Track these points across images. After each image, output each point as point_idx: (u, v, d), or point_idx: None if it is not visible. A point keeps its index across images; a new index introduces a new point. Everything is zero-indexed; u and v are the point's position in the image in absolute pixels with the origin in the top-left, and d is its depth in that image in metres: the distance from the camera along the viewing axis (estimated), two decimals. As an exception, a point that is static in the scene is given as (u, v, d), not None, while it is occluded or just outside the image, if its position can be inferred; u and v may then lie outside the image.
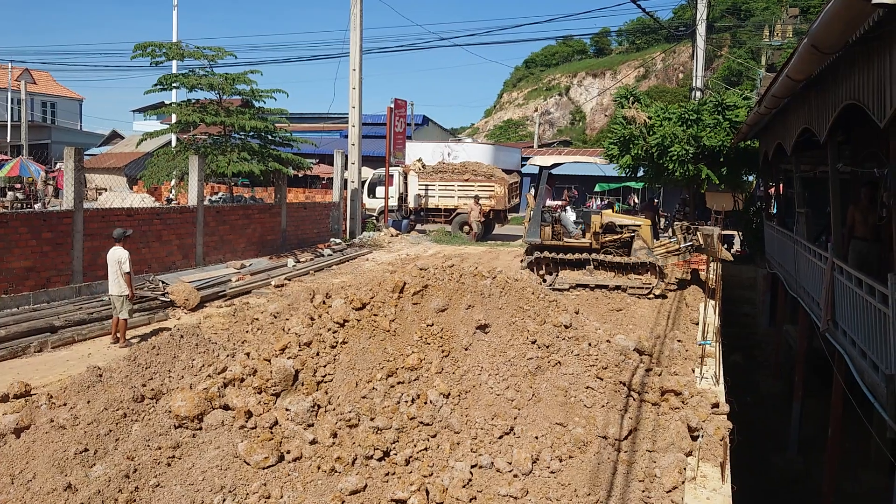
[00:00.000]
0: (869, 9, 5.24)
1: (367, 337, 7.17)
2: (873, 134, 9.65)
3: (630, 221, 14.11)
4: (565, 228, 13.94)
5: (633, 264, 13.25)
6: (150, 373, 7.13)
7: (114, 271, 10.05)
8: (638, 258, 13.21)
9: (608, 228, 13.73)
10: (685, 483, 5.52)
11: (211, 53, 19.37)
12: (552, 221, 13.85)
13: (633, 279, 13.28)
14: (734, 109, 19.31)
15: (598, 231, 13.54)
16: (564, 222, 13.97)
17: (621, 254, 13.47)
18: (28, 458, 5.77)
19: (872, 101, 6.35)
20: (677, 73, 67.36)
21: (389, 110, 26.20)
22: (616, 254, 13.48)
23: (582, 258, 13.41)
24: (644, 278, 13.28)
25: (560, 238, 13.78)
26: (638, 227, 13.71)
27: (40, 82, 56.20)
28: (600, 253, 13.46)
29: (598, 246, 13.54)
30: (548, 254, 13.59)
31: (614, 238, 13.69)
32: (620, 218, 14.39)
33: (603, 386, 6.66)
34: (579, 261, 13.43)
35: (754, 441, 11.44)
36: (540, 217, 13.74)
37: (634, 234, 13.59)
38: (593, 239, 13.54)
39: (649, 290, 13.05)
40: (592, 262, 13.33)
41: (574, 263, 13.45)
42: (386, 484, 5.61)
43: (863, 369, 7.62)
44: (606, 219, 13.90)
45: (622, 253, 13.51)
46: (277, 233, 19.27)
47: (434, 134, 47.19)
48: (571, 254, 13.51)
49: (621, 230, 13.75)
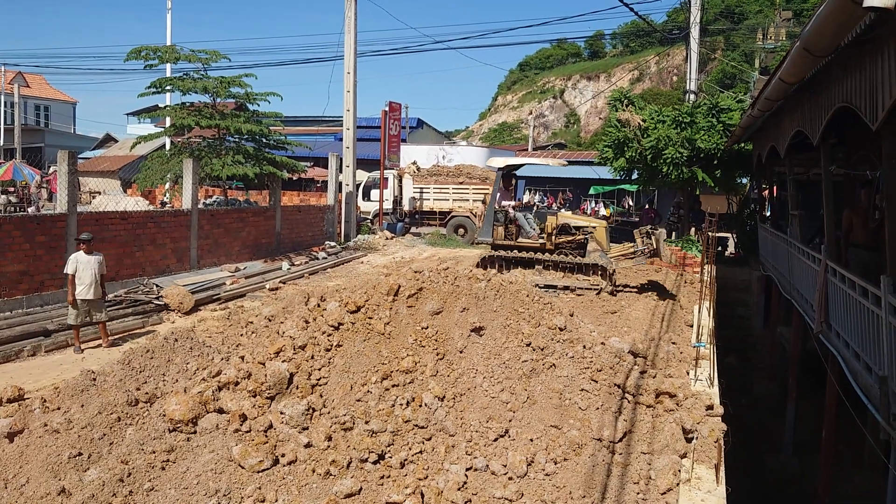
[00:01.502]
0: (860, 12, 5.26)
1: (361, 340, 7.16)
2: (866, 136, 9.69)
3: (585, 223, 14.23)
4: (522, 229, 14.03)
5: (583, 265, 13.32)
6: (144, 376, 7.11)
7: (95, 275, 10.02)
8: (591, 260, 13.31)
9: (563, 230, 13.82)
10: (680, 485, 5.53)
11: (205, 56, 19.34)
12: (506, 221, 13.92)
13: (582, 280, 13.34)
14: (728, 112, 19.39)
15: (553, 232, 13.63)
16: (521, 222, 14.05)
17: (576, 255, 13.56)
18: (21, 462, 5.75)
19: (865, 103, 6.38)
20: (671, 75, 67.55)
21: (384, 113, 26.21)
22: (571, 255, 13.56)
23: (533, 258, 13.50)
24: (592, 279, 13.35)
25: (514, 238, 13.86)
26: (593, 229, 13.83)
27: (34, 85, 56.05)
28: (554, 253, 13.54)
29: (552, 247, 13.63)
30: (503, 252, 13.69)
31: (569, 239, 13.78)
32: (576, 219, 14.52)
33: (598, 388, 6.67)
34: (531, 260, 13.50)
35: (749, 443, 11.46)
36: (493, 217, 13.82)
37: (589, 235, 13.71)
38: (547, 239, 13.62)
39: (598, 291, 13.12)
40: (540, 261, 13.40)
41: (526, 263, 13.52)
42: (381, 487, 5.60)
43: (856, 371, 7.65)
44: (561, 220, 14.04)
45: (577, 254, 13.60)
46: (272, 236, 19.25)
47: (429, 137, 47.22)
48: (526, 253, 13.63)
49: (576, 232, 13.84)
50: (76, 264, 9.89)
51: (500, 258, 13.72)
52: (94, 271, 9.99)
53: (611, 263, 13.27)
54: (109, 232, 13.38)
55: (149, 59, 18.76)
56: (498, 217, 13.89)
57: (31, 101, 55.60)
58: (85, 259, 9.97)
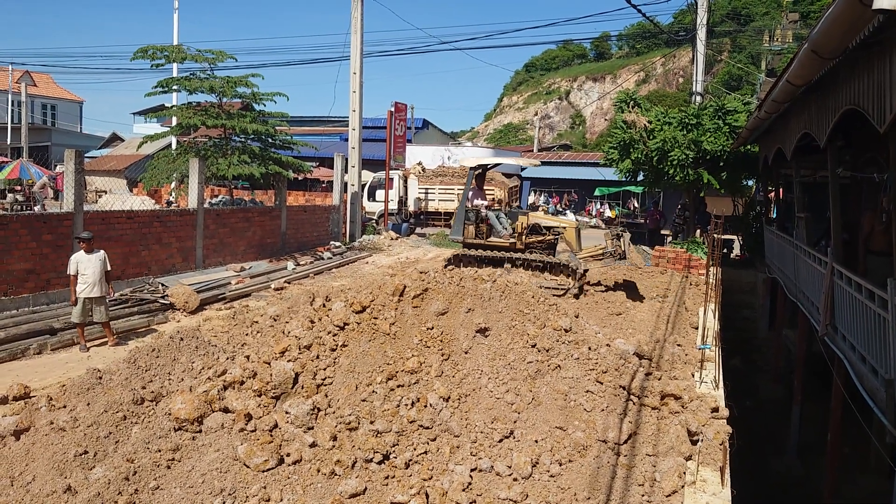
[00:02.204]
0: (869, 14, 5.25)
1: (366, 340, 7.17)
2: (873, 139, 9.67)
3: (555, 223, 14.24)
4: (493, 228, 14.06)
5: (552, 264, 13.32)
6: (149, 375, 7.13)
7: (97, 273, 10.03)
8: (560, 259, 13.32)
9: (534, 230, 13.85)
10: (685, 487, 5.52)
11: (211, 56, 19.40)
12: (477, 220, 13.95)
13: (549, 279, 13.36)
14: (734, 114, 19.35)
15: (523, 232, 13.67)
16: (492, 221, 14.09)
17: (546, 255, 13.58)
18: (28, 460, 5.77)
19: (872, 106, 6.36)
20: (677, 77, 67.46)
21: (390, 114, 26.24)
22: (541, 254, 13.59)
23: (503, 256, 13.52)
24: (560, 279, 13.38)
25: (485, 237, 13.90)
26: (563, 229, 13.85)
27: (41, 84, 56.22)
28: (525, 253, 13.57)
29: (523, 246, 13.66)
30: (473, 251, 13.73)
31: (539, 239, 13.81)
32: (546, 220, 14.53)
33: (603, 390, 6.66)
34: (500, 259, 13.53)
35: (754, 445, 11.43)
36: (464, 216, 13.85)
37: (559, 236, 13.73)
38: (518, 239, 13.65)
39: (565, 291, 13.16)
40: (510, 260, 13.43)
41: (495, 262, 13.55)
42: (386, 487, 5.60)
43: (862, 374, 7.62)
44: (532, 220, 14.06)
45: (547, 254, 13.62)
46: (277, 236, 19.28)
47: (434, 137, 47.24)
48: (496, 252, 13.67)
49: (546, 232, 13.87)
50: (77, 264, 9.91)
51: (469, 257, 13.80)
52: (97, 269, 10.00)
53: (580, 264, 13.31)
54: (115, 231, 13.42)
55: (155, 59, 18.83)
56: (469, 216, 13.95)
57: (37, 100, 55.77)
58: (86, 258, 9.98)
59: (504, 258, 13.45)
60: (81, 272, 9.91)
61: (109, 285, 10.29)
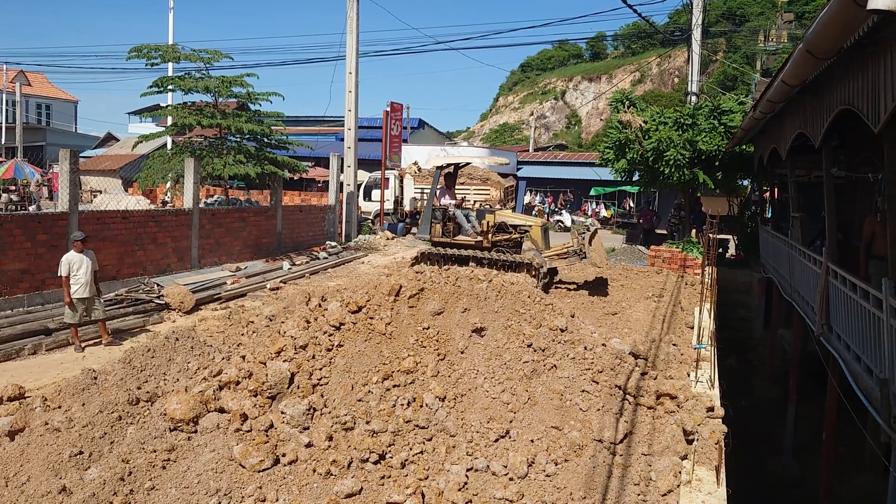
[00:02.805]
0: (864, 14, 5.26)
1: (362, 340, 7.16)
2: (868, 138, 9.70)
3: (521, 222, 14.30)
4: (461, 226, 14.11)
5: (516, 263, 13.37)
6: (145, 375, 7.12)
7: (89, 272, 10.03)
8: (524, 258, 13.37)
9: (500, 228, 13.90)
10: (680, 487, 5.53)
11: (207, 56, 19.35)
12: (445, 219, 13.98)
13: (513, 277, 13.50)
14: (729, 114, 19.38)
15: (490, 230, 13.72)
16: (460, 220, 14.14)
17: (512, 253, 13.63)
18: (22, 460, 5.75)
19: (867, 106, 6.38)
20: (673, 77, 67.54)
21: (385, 113, 26.22)
22: (507, 252, 13.64)
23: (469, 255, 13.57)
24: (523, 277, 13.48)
25: (452, 235, 13.94)
26: (529, 227, 13.90)
27: (35, 84, 56.09)
28: (492, 251, 13.62)
29: (489, 244, 13.72)
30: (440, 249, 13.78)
31: (506, 237, 13.87)
32: (513, 218, 14.57)
33: (598, 389, 6.67)
34: (466, 257, 13.59)
35: (749, 445, 11.46)
36: (431, 215, 13.89)
37: (525, 234, 13.78)
38: (484, 237, 13.70)
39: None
40: (475, 258, 13.47)
41: (461, 260, 13.59)
42: (381, 487, 5.60)
43: (857, 373, 7.65)
44: (499, 218, 14.12)
45: (513, 252, 13.68)
46: (273, 236, 19.25)
47: (430, 137, 47.20)
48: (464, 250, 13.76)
49: (512, 230, 13.93)
50: (69, 265, 9.88)
51: (436, 255, 13.82)
52: (88, 269, 10.00)
53: (544, 262, 13.36)
54: (110, 231, 13.38)
55: (151, 58, 18.77)
56: (436, 215, 13.99)
57: (32, 99, 55.64)
58: (78, 258, 9.95)
59: (470, 256, 13.51)
60: (73, 273, 9.88)
61: (97, 285, 10.29)
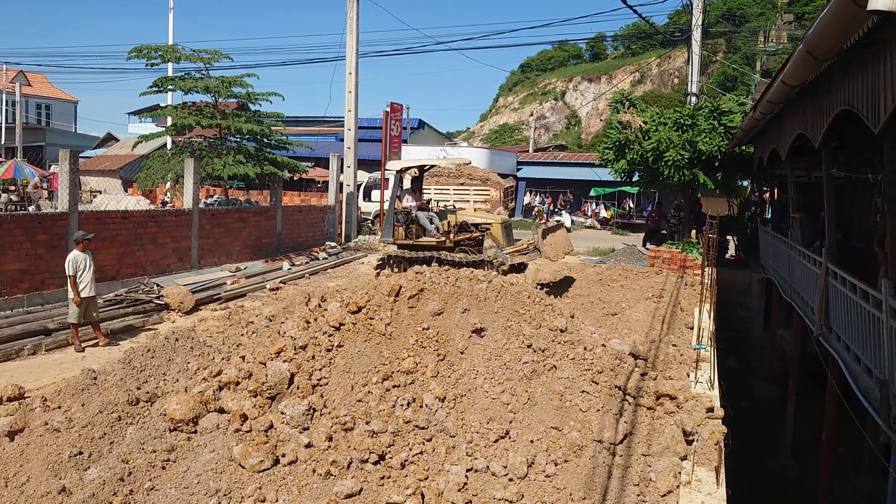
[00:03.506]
0: (864, 15, 5.26)
1: (362, 340, 7.16)
2: (867, 139, 9.70)
3: (482, 220, 14.35)
4: (424, 228, 14.16)
5: (476, 261, 13.41)
6: (144, 376, 7.12)
7: (92, 272, 10.08)
8: (487, 256, 13.40)
9: (462, 227, 13.97)
10: (680, 487, 5.53)
11: (207, 56, 19.36)
12: (407, 221, 14.02)
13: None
14: (729, 115, 19.36)
15: (451, 230, 13.80)
16: (422, 222, 14.19)
17: (474, 252, 13.69)
18: (22, 461, 5.75)
19: (867, 107, 6.38)
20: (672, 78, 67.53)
21: (385, 114, 26.21)
22: (470, 252, 13.70)
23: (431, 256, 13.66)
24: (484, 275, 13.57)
25: (414, 237, 13.98)
26: (489, 226, 13.95)
27: (35, 84, 56.07)
28: (454, 251, 13.66)
29: (452, 244, 13.80)
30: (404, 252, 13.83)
31: (468, 237, 13.95)
32: (474, 217, 14.61)
33: (598, 390, 6.67)
34: (428, 258, 13.67)
35: (749, 445, 11.46)
36: (393, 218, 13.94)
37: (486, 232, 13.83)
38: (446, 237, 13.78)
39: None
40: (437, 260, 13.57)
41: (425, 261, 13.65)
42: (381, 487, 5.60)
43: (857, 374, 7.65)
44: (460, 218, 14.21)
45: (475, 251, 13.72)
46: (273, 236, 19.25)
47: (430, 138, 47.21)
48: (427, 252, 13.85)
49: (473, 229, 14.01)
50: (76, 264, 9.90)
51: (399, 258, 13.87)
52: (91, 268, 10.05)
53: (505, 259, 13.40)
54: (110, 231, 13.38)
55: (150, 59, 18.77)
56: (399, 217, 14.04)
57: (32, 99, 55.61)
58: (83, 257, 10.00)
59: (432, 257, 13.56)
60: (80, 273, 9.91)
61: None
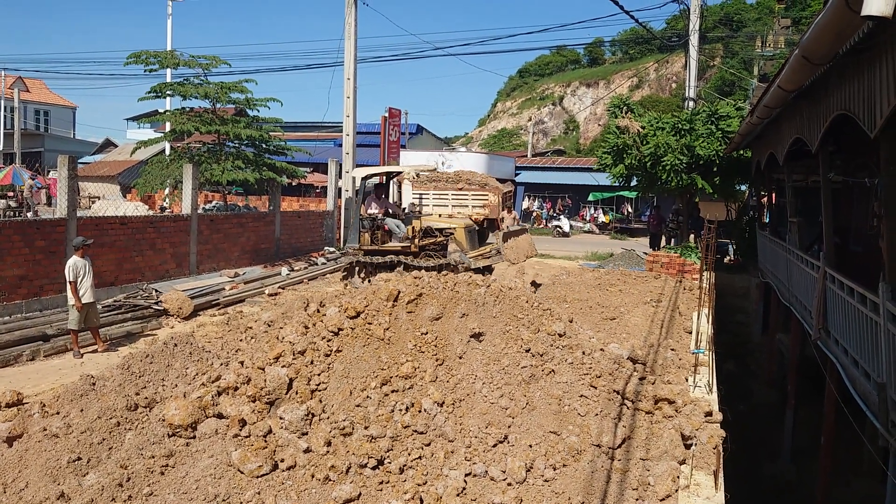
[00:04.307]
0: (858, 21, 5.29)
1: (361, 345, 7.16)
2: (864, 143, 9.73)
3: (446, 225, 14.43)
4: (392, 233, 14.23)
5: (440, 265, 13.47)
6: (143, 381, 7.12)
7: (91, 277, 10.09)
8: (451, 260, 13.46)
9: (426, 233, 14.04)
10: (679, 491, 5.53)
11: (205, 62, 19.40)
12: (372, 227, 14.10)
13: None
14: (727, 119, 19.42)
15: (416, 235, 13.92)
16: (390, 227, 14.25)
17: (439, 256, 13.79)
18: (20, 466, 5.75)
19: (863, 111, 6.41)
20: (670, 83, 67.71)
21: (384, 119, 26.24)
22: (434, 256, 13.77)
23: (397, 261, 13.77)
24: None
25: (380, 243, 14.07)
26: (453, 230, 14.03)
27: (34, 90, 56.09)
28: (420, 256, 13.72)
29: (417, 249, 13.88)
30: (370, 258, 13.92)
31: (433, 241, 14.03)
32: (438, 222, 14.70)
33: (597, 394, 6.67)
34: (393, 263, 13.77)
35: (747, 449, 11.47)
36: (359, 224, 13.99)
37: (450, 236, 13.90)
38: (412, 243, 13.85)
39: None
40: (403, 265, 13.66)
41: (389, 266, 13.70)
42: (380, 492, 5.60)
43: (855, 378, 7.66)
44: (425, 223, 14.31)
45: (440, 255, 13.82)
46: (271, 241, 19.25)
47: (428, 143, 47.23)
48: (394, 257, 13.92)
49: (437, 234, 14.13)
50: (76, 270, 9.91)
51: (365, 263, 13.91)
52: (91, 274, 10.06)
53: (469, 263, 13.46)
54: (109, 237, 13.39)
55: (149, 64, 18.82)
56: (364, 224, 14.09)
57: (30, 105, 55.60)
58: (82, 263, 10.01)
59: (397, 262, 13.62)
60: (80, 278, 9.92)
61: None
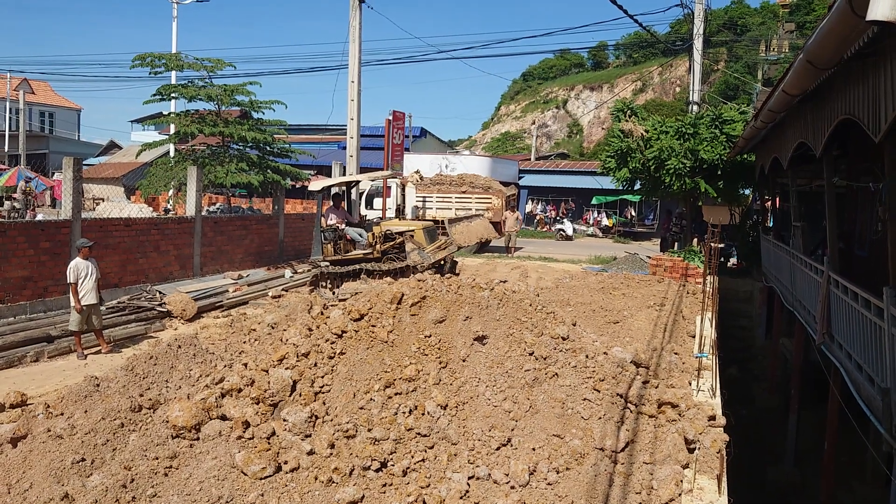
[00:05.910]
0: (863, 25, 5.29)
1: (364, 348, 7.17)
2: (869, 148, 9.72)
3: (405, 227, 14.48)
4: (354, 241, 14.26)
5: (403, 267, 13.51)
6: (147, 383, 7.13)
7: (94, 279, 10.11)
8: (410, 260, 13.56)
9: (387, 237, 14.09)
10: (682, 495, 5.52)
11: (210, 64, 19.47)
12: (334, 238, 14.14)
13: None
14: (731, 123, 19.42)
15: (377, 241, 14.00)
16: (352, 236, 14.33)
17: (401, 258, 13.91)
18: (25, 467, 5.76)
19: (867, 115, 6.41)
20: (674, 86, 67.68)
21: (388, 122, 26.26)
22: (397, 259, 13.87)
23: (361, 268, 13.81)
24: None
25: (343, 252, 14.11)
26: (412, 231, 14.10)
27: (39, 92, 56.27)
28: (383, 261, 13.79)
29: (379, 254, 13.92)
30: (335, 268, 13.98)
31: (393, 245, 14.09)
32: (396, 225, 14.79)
33: (600, 398, 6.67)
34: (356, 271, 13.80)
35: (751, 453, 11.44)
36: (321, 236, 14.03)
37: (410, 238, 13.97)
38: (373, 249, 13.92)
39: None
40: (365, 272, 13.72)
41: (354, 274, 13.75)
42: (383, 495, 5.60)
43: (859, 382, 7.64)
44: (385, 228, 14.38)
45: (402, 258, 13.94)
46: (275, 244, 19.28)
47: (432, 146, 47.28)
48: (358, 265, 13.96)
49: (397, 237, 14.19)
50: (77, 272, 9.93)
51: (331, 273, 13.99)
52: (94, 276, 10.07)
53: (427, 258, 13.56)
54: (113, 239, 13.42)
55: (154, 67, 18.90)
56: (326, 235, 14.13)
57: (35, 107, 55.79)
58: (84, 265, 10.02)
59: (362, 269, 13.67)
60: (81, 280, 9.93)
61: (99, 293, 10.34)
